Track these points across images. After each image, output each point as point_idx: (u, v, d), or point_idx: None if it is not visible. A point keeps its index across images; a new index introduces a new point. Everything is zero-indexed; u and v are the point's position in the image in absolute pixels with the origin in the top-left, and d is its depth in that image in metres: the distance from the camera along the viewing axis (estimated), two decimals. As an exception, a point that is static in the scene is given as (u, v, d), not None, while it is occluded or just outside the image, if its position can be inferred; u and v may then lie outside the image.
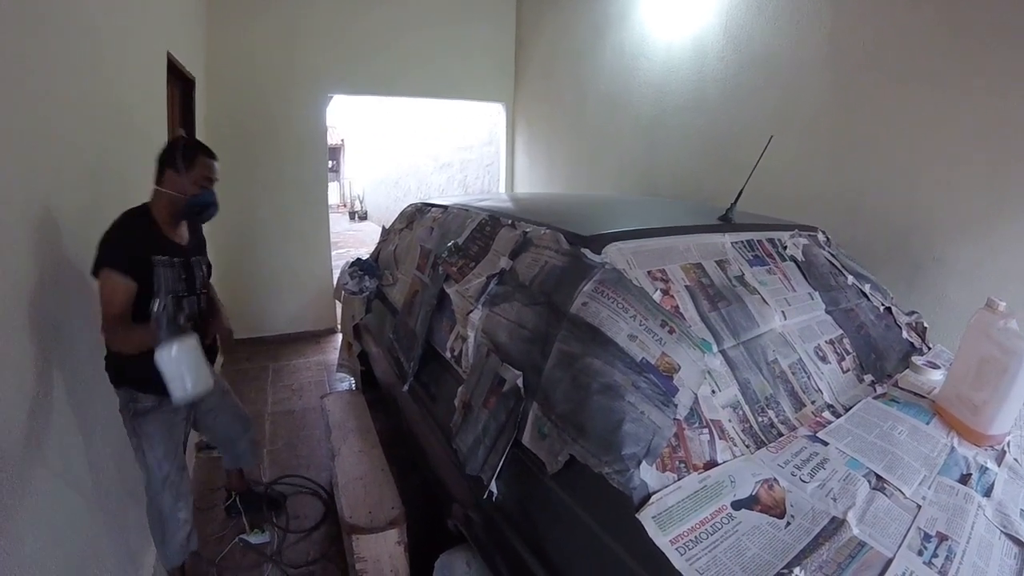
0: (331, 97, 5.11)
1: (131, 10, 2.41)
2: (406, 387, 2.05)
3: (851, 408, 1.62)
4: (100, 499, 1.77)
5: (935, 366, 1.88)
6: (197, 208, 1.85)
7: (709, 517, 1.12)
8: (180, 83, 3.58)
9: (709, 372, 1.36)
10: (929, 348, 2.19)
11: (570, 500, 1.22)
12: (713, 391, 1.36)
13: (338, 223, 13.55)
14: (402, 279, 2.65)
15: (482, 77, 5.76)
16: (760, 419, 1.43)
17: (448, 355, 1.84)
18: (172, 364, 1.57)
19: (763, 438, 1.39)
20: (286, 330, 5.19)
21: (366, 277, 2.93)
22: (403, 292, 2.53)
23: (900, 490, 1.27)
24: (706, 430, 1.28)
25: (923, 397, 1.74)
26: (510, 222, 1.91)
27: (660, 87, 3.89)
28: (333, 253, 5.52)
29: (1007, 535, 1.21)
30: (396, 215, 3.30)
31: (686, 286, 1.54)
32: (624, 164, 4.39)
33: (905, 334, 2.20)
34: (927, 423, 1.58)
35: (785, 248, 2.05)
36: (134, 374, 1.79)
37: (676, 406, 1.23)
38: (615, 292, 1.35)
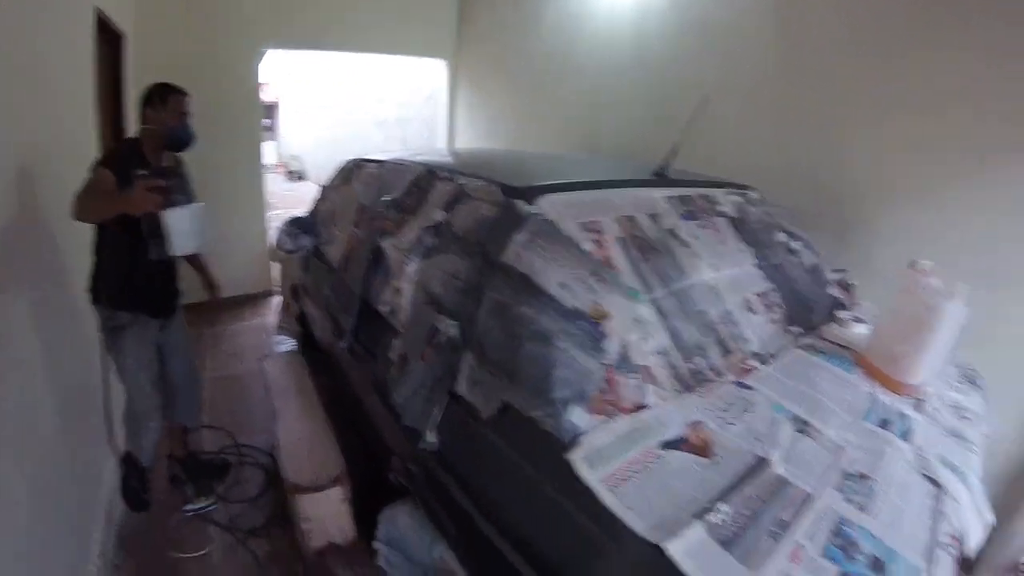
0: (264, 52, 4.86)
1: None
2: (344, 344, 2.02)
3: (777, 356, 1.69)
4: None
5: (860, 320, 2.00)
6: (175, 137, 2.08)
7: (639, 457, 1.17)
8: (109, 40, 3.35)
9: (639, 319, 1.39)
10: (856, 304, 2.31)
11: (504, 445, 1.24)
12: (643, 338, 1.39)
13: (275, 184, 13.06)
14: (339, 236, 2.59)
15: (423, 33, 5.60)
16: (689, 365, 1.48)
17: (384, 309, 1.82)
18: (181, 222, 1.90)
19: (691, 383, 1.45)
20: (223, 294, 5.02)
21: (302, 235, 2.84)
22: (340, 249, 2.48)
23: (822, 432, 1.35)
24: (636, 375, 1.32)
25: (847, 349, 1.84)
26: (447, 175, 1.89)
27: (603, 45, 3.89)
28: (270, 214, 5.32)
29: (924, 476, 1.29)
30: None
31: (618, 238, 1.56)
32: (567, 122, 4.39)
33: (832, 289, 2.29)
34: (850, 373, 1.68)
35: (719, 205, 2.10)
36: (111, 292, 2.08)
37: (606, 351, 1.26)
38: (547, 242, 1.36)
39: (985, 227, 2.19)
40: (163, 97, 2.06)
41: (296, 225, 2.86)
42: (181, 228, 1.91)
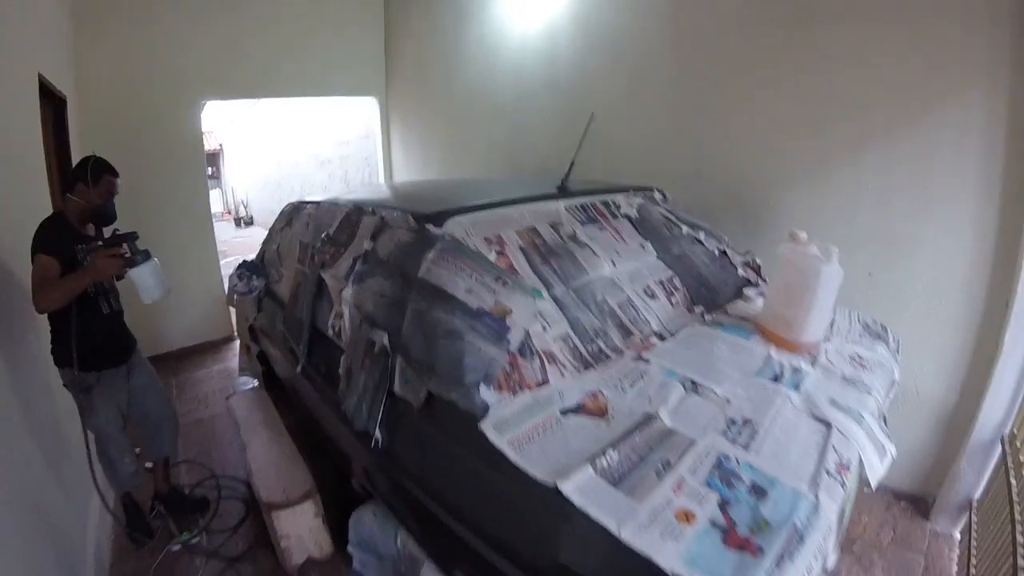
0: (204, 104, 5.04)
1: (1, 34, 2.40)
2: (299, 369, 2.24)
3: (677, 333, 1.95)
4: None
5: (764, 295, 2.20)
6: (100, 215, 2.26)
7: (540, 423, 1.40)
8: (52, 104, 3.47)
9: (540, 313, 1.66)
10: (765, 281, 2.55)
11: (434, 430, 1.49)
12: (544, 328, 1.66)
13: (225, 231, 12.88)
14: (287, 274, 2.81)
15: (353, 73, 5.85)
16: (589, 347, 1.74)
17: (331, 332, 2.06)
18: (146, 277, 2.15)
19: (591, 361, 1.69)
20: (185, 343, 5.13)
21: (253, 277, 3.05)
22: (288, 286, 2.70)
23: (712, 390, 1.55)
24: (537, 358, 1.58)
25: (748, 320, 2.07)
26: (371, 210, 2.14)
27: (517, 73, 4.21)
28: (222, 261, 5.47)
29: (813, 417, 1.45)
30: None
31: (520, 247, 1.84)
32: (491, 147, 4.70)
33: (741, 271, 2.55)
34: (747, 339, 1.90)
35: (619, 208, 2.39)
36: (74, 354, 2.15)
37: (509, 341, 1.51)
38: (453, 257, 1.64)
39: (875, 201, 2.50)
40: (97, 176, 2.20)
41: (247, 268, 3.07)
42: (147, 283, 2.16)
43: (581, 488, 1.18)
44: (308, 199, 3.02)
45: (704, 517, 1.11)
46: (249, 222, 14.45)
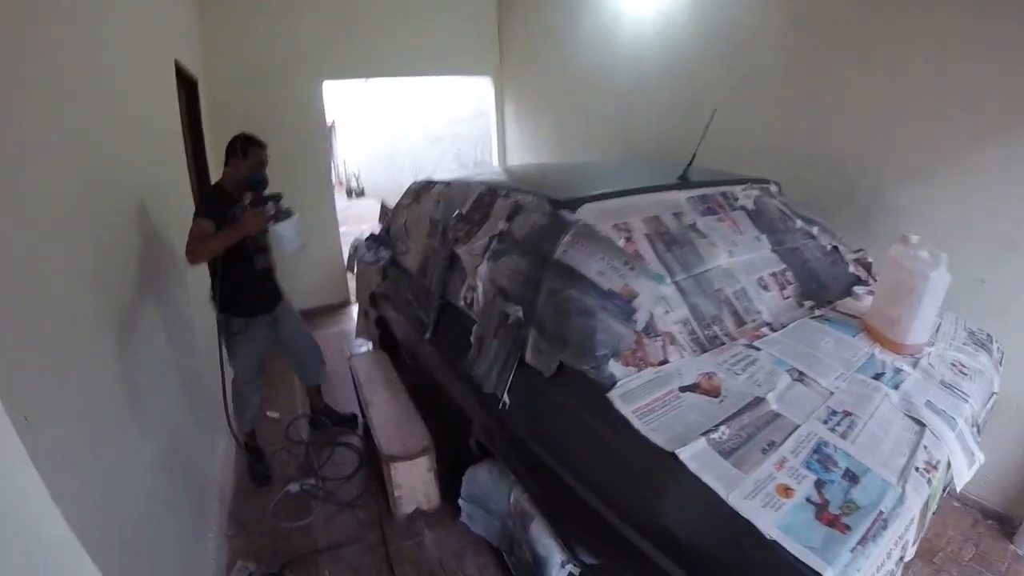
0: (323, 83, 5.33)
1: (140, 25, 2.68)
2: (427, 335, 2.48)
3: (786, 326, 2.00)
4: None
5: (872, 293, 2.19)
6: (253, 183, 2.50)
7: (661, 396, 1.54)
8: (185, 86, 3.78)
9: (663, 297, 1.79)
10: (875, 280, 2.53)
11: (562, 396, 1.67)
12: (666, 311, 1.79)
13: (337, 202, 13.47)
14: (414, 248, 3.06)
15: (466, 53, 6.00)
16: (706, 332, 1.85)
17: (462, 303, 2.28)
18: (289, 229, 2.47)
19: (707, 345, 1.81)
20: (304, 305, 5.51)
21: (381, 248, 3.34)
22: (416, 258, 2.95)
23: (817, 381, 1.61)
24: (659, 339, 1.71)
25: (856, 318, 2.08)
26: (504, 192, 2.33)
27: (634, 57, 4.27)
28: (340, 230, 5.87)
29: (909, 416, 1.51)
30: (392, 190, 3.67)
31: (645, 234, 1.96)
32: (607, 129, 4.78)
33: (852, 268, 2.54)
34: (853, 336, 1.92)
35: (737, 200, 2.44)
36: (228, 300, 2.58)
37: (636, 321, 1.66)
38: (587, 241, 1.80)
39: (991, 200, 2.40)
40: (245, 150, 2.52)
41: (375, 240, 3.36)
42: (288, 235, 2.48)
43: (696, 456, 1.32)
44: (435, 178, 3.25)
45: (801, 493, 1.22)
46: (360, 193, 15.10)
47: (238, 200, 2.51)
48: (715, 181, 2.47)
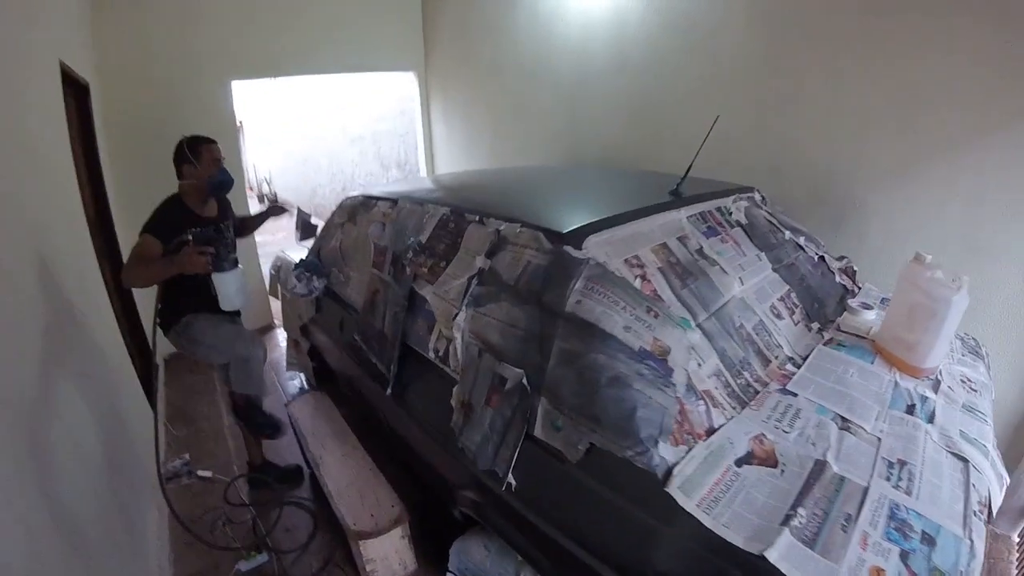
0: (231, 83, 4.83)
1: (18, 20, 2.20)
2: (389, 389, 2.06)
3: (807, 357, 1.80)
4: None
5: (868, 307, 2.08)
6: (217, 184, 2.34)
7: (720, 477, 1.26)
8: (73, 91, 3.30)
9: (693, 347, 1.47)
10: (859, 288, 2.42)
11: (597, 483, 1.31)
12: (699, 364, 1.47)
13: (250, 209, 12.72)
14: (355, 276, 2.62)
15: (388, 47, 5.60)
16: (738, 381, 1.57)
17: (432, 355, 1.87)
18: (228, 284, 2.19)
19: (744, 398, 1.54)
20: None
21: (313, 277, 2.87)
22: (360, 291, 2.51)
23: (862, 427, 1.45)
24: (701, 401, 1.40)
25: (863, 338, 1.95)
26: (477, 218, 1.92)
27: (580, 52, 3.93)
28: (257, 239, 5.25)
29: (952, 453, 1.40)
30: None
31: (658, 268, 1.63)
32: (547, 131, 4.44)
33: (838, 278, 2.41)
34: (871, 363, 1.77)
35: (731, 214, 2.18)
36: (174, 314, 2.37)
37: (675, 385, 1.33)
38: (603, 287, 1.44)
39: (965, 203, 2.32)
40: (195, 152, 2.26)
41: (306, 268, 2.88)
42: (227, 291, 2.21)
43: (786, 555, 1.11)
44: (374, 192, 2.82)
45: (892, 572, 1.09)
46: (273, 199, 14.28)
47: (198, 216, 2.31)
48: (706, 195, 2.18)
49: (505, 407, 1.48)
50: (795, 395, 1.59)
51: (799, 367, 1.74)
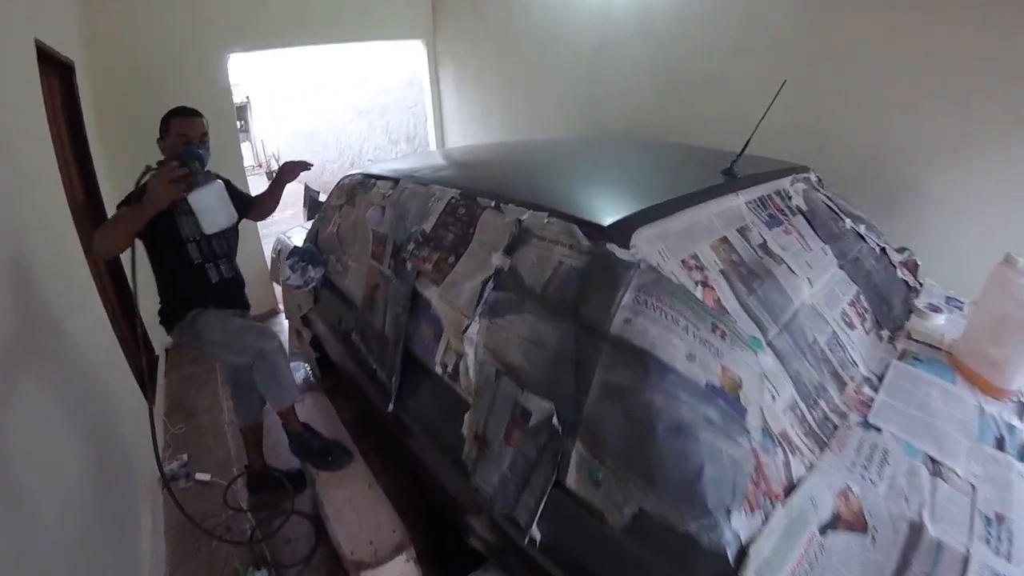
0: (228, 57, 4.54)
1: None
2: (391, 406, 1.76)
3: (883, 376, 1.51)
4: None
5: (936, 309, 1.84)
6: (185, 161, 1.91)
7: (803, 553, 0.98)
8: (57, 72, 3.06)
9: (765, 373, 1.16)
10: (921, 285, 2.12)
11: (649, 555, 1.01)
12: (773, 396, 1.16)
13: (257, 185, 12.51)
14: (354, 266, 2.32)
15: (394, 13, 5.27)
16: (815, 413, 1.26)
17: (439, 369, 1.56)
18: (209, 200, 1.88)
19: (822, 436, 1.24)
20: (223, 316, 4.72)
21: (309, 267, 2.57)
22: (358, 283, 2.21)
23: (954, 470, 1.21)
24: (779, 448, 1.09)
25: (939, 349, 1.68)
26: (492, 204, 1.59)
27: (601, 14, 3.58)
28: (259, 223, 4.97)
29: None
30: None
31: (720, 270, 1.31)
32: (565, 100, 4.10)
33: (900, 273, 2.10)
34: (952, 383, 1.53)
35: (790, 199, 1.86)
36: (175, 312, 2.20)
37: (749, 432, 1.03)
38: (659, 300, 1.10)
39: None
40: (165, 125, 2.05)
41: (301, 257, 2.58)
42: (210, 205, 1.90)
43: None
44: (374, 170, 2.51)
45: None
46: (276, 160, 14.01)
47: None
48: (762, 175, 1.84)
49: (529, 446, 1.18)
50: (879, 430, 1.31)
51: (876, 389, 1.45)
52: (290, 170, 2.45)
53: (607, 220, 1.28)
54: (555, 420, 1.12)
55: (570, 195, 1.57)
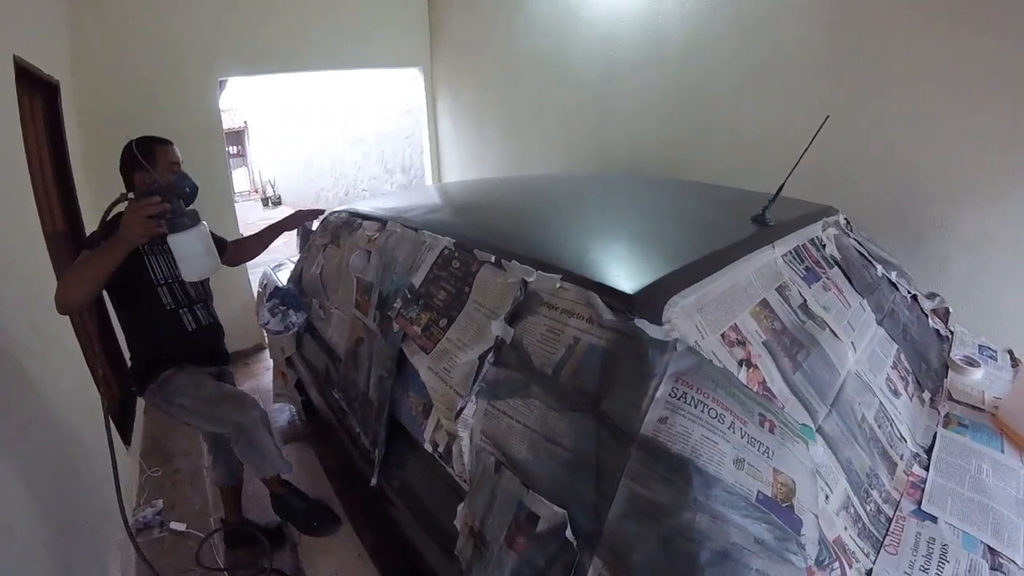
0: (223, 82, 4.39)
1: None
2: (374, 479, 1.55)
3: (931, 449, 1.35)
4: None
5: (973, 363, 1.74)
6: (177, 195, 1.68)
7: None
8: (40, 90, 2.95)
9: (818, 470, 0.98)
10: (952, 333, 1.97)
11: None
12: (826, 496, 0.98)
13: (251, 211, 12.60)
14: (336, 315, 2.13)
15: (392, 41, 5.17)
16: (868, 507, 1.09)
17: (428, 447, 1.35)
18: (195, 244, 1.65)
19: (877, 535, 1.06)
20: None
21: (290, 312, 2.37)
22: (341, 334, 2.01)
23: (1014, 561, 1.09)
24: (836, 563, 0.90)
25: (982, 411, 1.56)
26: (492, 259, 1.36)
27: (608, 41, 3.43)
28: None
29: None
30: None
31: (763, 342, 1.12)
32: (570, 131, 3.93)
33: (931, 322, 1.95)
34: (1001, 451, 1.41)
35: (824, 247, 1.69)
36: (146, 372, 2.00)
37: (805, 548, 0.84)
38: (701, 392, 0.90)
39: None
40: (147, 153, 1.79)
41: (281, 301, 2.38)
42: (195, 251, 1.66)
43: None
44: (361, 208, 2.32)
45: None
46: (277, 202, 14.11)
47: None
48: (792, 221, 1.66)
49: (536, 556, 0.97)
50: (934, 519, 1.15)
51: (926, 466, 1.28)
52: (299, 219, 2.39)
53: (633, 286, 1.06)
54: (570, 534, 0.92)
55: (585, 249, 1.36)
